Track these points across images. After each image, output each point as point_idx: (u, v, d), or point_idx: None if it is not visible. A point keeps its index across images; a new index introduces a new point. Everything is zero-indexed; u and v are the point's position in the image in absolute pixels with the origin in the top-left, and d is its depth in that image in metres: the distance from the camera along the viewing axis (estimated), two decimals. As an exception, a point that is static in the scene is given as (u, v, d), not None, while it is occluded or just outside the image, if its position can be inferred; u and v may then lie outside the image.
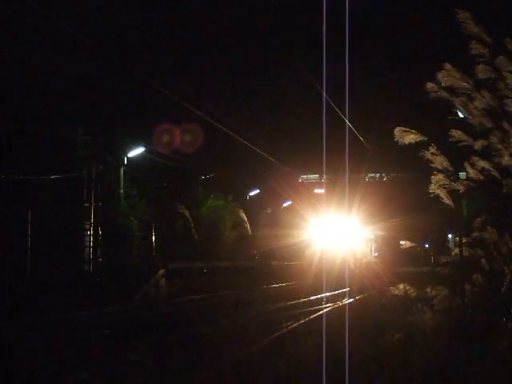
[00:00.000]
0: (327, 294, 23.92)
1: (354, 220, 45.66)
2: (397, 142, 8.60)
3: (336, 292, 25.60)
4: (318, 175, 53.21)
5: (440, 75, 8.31)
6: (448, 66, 8.28)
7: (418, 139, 8.59)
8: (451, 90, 8.34)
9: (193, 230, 32.24)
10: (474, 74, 8.35)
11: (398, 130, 8.57)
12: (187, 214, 31.92)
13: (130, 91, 28.05)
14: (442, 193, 8.39)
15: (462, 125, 8.63)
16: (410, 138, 8.56)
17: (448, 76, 8.22)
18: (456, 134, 8.47)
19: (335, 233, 43.89)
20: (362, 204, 42.01)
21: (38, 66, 24.15)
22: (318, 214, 43.04)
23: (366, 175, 48.16)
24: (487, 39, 8.21)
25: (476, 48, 8.16)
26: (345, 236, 44.72)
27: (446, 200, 8.42)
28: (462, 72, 8.34)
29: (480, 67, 8.21)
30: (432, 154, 8.53)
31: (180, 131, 32.82)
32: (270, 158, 32.33)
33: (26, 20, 22.71)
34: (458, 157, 8.71)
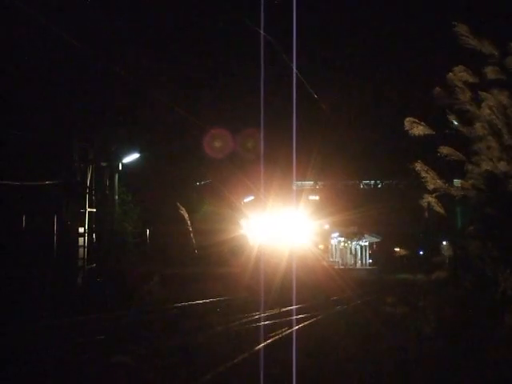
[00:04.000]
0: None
1: (303, 214, 38.44)
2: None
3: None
4: (312, 182, 53.31)
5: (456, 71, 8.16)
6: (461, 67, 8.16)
7: (427, 132, 8.49)
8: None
9: (190, 236, 32.17)
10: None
11: (407, 121, 8.45)
12: (184, 218, 31.82)
13: (124, 96, 28.08)
14: (433, 201, 8.37)
15: (454, 136, 8.63)
16: (419, 129, 8.45)
17: (461, 73, 8.10)
18: (444, 150, 8.43)
19: (279, 231, 36.10)
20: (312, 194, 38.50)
21: (33, 70, 24.14)
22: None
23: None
24: (486, 50, 8.10)
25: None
26: (293, 235, 36.61)
27: (438, 208, 8.41)
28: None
29: (489, 69, 8.13)
30: (421, 169, 8.48)
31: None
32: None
33: (21, 24, 22.74)
34: (451, 165, 8.72)
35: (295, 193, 34.89)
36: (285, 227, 36.60)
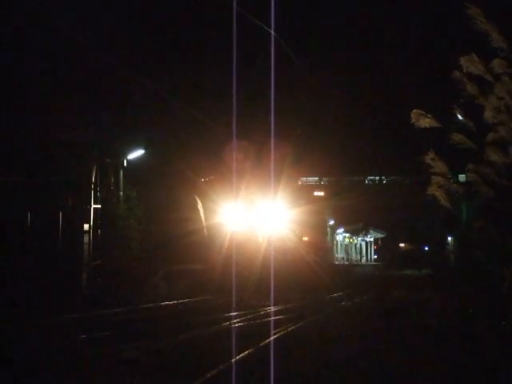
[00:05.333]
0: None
1: (280, 204, 34.70)
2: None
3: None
4: (317, 178, 53.29)
5: (463, 62, 8.09)
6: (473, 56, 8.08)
7: (434, 124, 8.39)
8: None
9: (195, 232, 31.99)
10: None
11: (414, 113, 8.38)
12: (187, 215, 31.69)
13: (129, 93, 28.06)
14: (440, 194, 8.30)
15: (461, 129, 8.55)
16: (426, 122, 8.35)
17: (470, 64, 8.02)
18: (457, 137, 8.33)
19: (254, 222, 33.19)
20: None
21: (37, 67, 24.15)
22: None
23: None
24: (498, 36, 7.99)
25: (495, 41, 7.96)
26: (269, 227, 33.47)
27: (444, 202, 8.34)
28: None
29: (496, 62, 8.05)
30: (431, 159, 8.42)
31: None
32: None
33: (24, 21, 22.75)
34: (456, 160, 8.66)
35: (273, 179, 31.07)
36: (263, 217, 33.69)
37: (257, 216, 33.61)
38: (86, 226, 25.89)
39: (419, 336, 11.02)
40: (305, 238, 42.64)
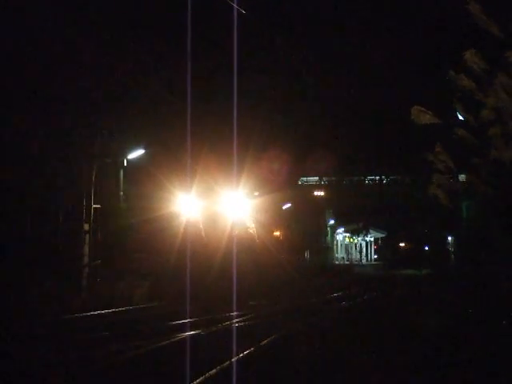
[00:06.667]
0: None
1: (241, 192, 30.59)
2: None
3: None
4: (317, 177, 53.36)
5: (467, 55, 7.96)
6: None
7: (434, 121, 8.26)
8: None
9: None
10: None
11: (414, 109, 8.23)
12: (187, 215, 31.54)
13: (129, 91, 28.02)
14: (440, 193, 8.24)
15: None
16: (426, 118, 8.21)
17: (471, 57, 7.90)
18: (460, 131, 8.21)
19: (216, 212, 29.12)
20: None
21: (37, 67, 24.14)
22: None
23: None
24: (498, 33, 7.88)
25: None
26: (233, 218, 29.35)
27: (445, 201, 8.28)
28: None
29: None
30: (437, 152, 8.30)
31: None
32: None
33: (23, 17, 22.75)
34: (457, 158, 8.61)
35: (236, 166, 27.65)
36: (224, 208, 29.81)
37: (219, 206, 29.79)
38: (86, 226, 25.89)
39: (419, 338, 11.02)
40: (276, 233, 37.67)
